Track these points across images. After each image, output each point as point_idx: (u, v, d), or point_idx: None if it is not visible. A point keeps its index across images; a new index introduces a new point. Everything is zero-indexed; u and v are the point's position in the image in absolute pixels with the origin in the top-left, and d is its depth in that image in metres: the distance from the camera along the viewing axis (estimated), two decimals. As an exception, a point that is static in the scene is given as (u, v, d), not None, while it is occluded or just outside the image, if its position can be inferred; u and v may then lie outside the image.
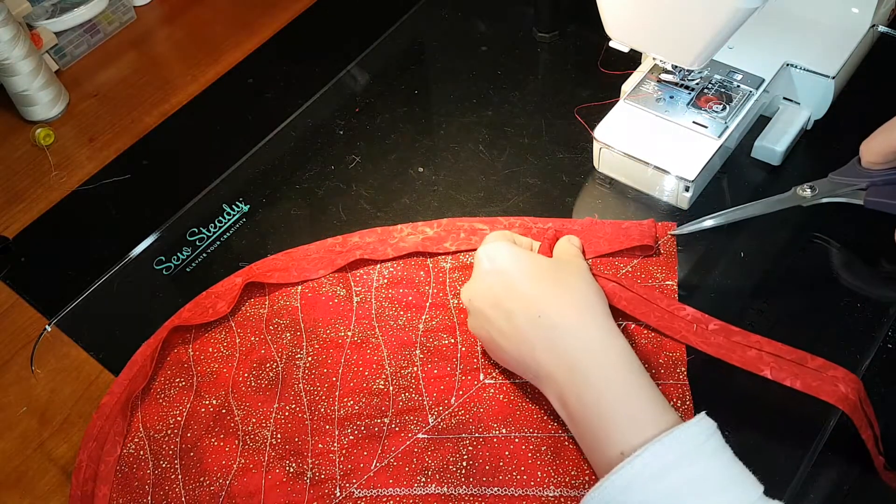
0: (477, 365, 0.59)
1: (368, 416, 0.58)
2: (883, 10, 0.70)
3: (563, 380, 0.50)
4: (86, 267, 0.71)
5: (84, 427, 0.62)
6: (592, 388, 0.48)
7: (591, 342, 0.50)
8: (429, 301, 0.63)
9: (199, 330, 0.64)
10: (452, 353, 0.60)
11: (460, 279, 0.64)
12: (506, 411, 0.57)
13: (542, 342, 0.51)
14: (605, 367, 0.49)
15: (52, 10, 0.88)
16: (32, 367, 0.66)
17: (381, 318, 0.63)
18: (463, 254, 0.66)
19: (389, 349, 0.61)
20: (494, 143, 0.76)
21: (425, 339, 0.61)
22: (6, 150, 0.83)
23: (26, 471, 0.61)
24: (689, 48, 0.61)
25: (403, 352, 0.61)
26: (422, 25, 0.89)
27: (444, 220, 0.68)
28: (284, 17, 0.93)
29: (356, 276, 0.65)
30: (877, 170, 0.59)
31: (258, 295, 0.66)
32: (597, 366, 0.49)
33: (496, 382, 0.58)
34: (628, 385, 0.48)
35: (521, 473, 0.54)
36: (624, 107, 0.70)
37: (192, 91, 0.86)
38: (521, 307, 0.53)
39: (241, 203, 0.74)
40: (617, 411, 0.47)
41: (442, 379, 0.59)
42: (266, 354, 0.62)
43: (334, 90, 0.83)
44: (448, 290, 0.64)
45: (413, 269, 0.65)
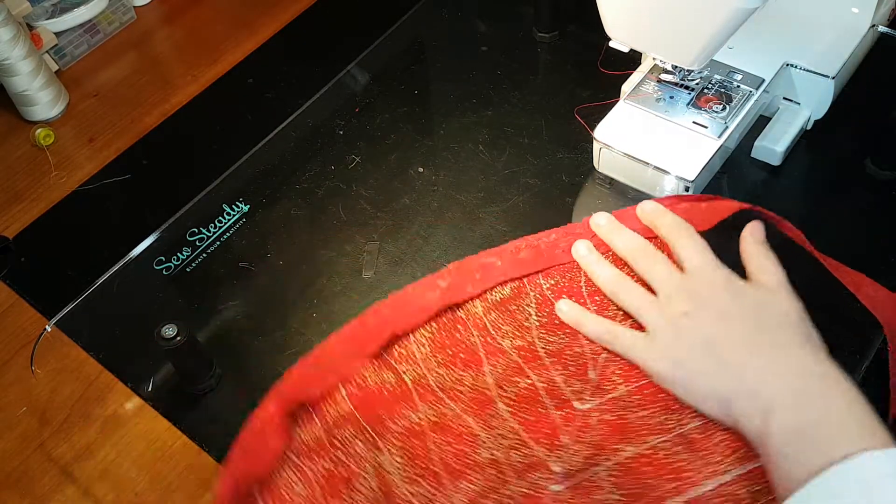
0: (564, 395, 0.56)
1: (493, 490, 0.52)
2: (883, 10, 0.70)
3: (791, 406, 0.48)
4: (86, 267, 0.71)
5: (84, 427, 0.62)
6: (825, 409, 0.47)
7: (820, 367, 0.49)
8: (481, 351, 0.59)
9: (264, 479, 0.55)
10: (534, 393, 0.56)
11: (499, 319, 0.61)
12: (620, 429, 0.54)
13: (776, 356, 0.50)
14: (838, 390, 0.48)
15: (52, 10, 0.88)
16: (32, 367, 0.66)
17: (444, 388, 0.57)
18: (489, 292, 0.62)
19: (473, 414, 0.56)
20: (494, 143, 0.76)
21: (501, 389, 0.57)
22: (6, 150, 0.83)
23: (26, 471, 0.61)
24: (689, 48, 0.61)
25: (488, 411, 0.56)
26: (422, 25, 0.89)
27: (452, 267, 0.63)
28: (284, 17, 0.93)
29: (395, 356, 0.59)
30: None
31: (304, 416, 0.57)
32: (829, 390, 0.48)
33: (591, 405, 0.55)
34: (858, 406, 0.47)
35: (673, 480, 0.51)
36: (624, 107, 0.70)
37: (192, 91, 0.86)
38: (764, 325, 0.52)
39: (241, 203, 0.74)
40: (845, 425, 0.46)
41: (541, 422, 0.55)
42: (349, 474, 0.54)
43: (334, 90, 0.83)
44: (494, 332, 0.60)
45: (449, 327, 0.60)
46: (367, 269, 0.69)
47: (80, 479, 0.60)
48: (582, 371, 0.57)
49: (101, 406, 0.63)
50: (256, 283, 0.69)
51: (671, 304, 0.55)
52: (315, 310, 0.67)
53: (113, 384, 0.64)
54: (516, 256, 0.63)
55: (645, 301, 0.57)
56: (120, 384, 0.64)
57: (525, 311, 0.61)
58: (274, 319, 0.66)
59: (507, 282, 0.62)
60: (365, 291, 0.67)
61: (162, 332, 0.58)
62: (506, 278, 0.62)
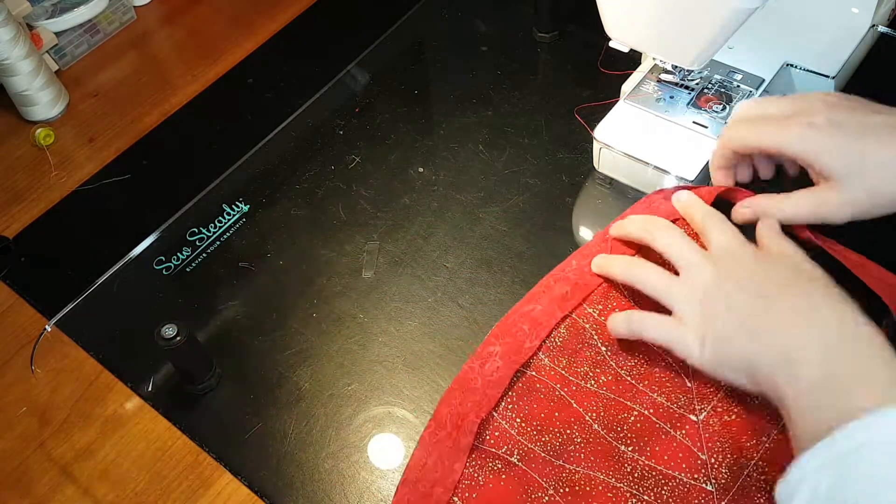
0: (676, 413, 0.54)
1: None
2: (883, 10, 0.70)
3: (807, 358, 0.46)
4: (86, 267, 0.71)
5: (84, 427, 0.62)
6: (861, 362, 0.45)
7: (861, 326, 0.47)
8: (573, 403, 0.55)
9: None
10: (647, 422, 0.54)
11: (571, 363, 0.57)
12: (744, 424, 0.52)
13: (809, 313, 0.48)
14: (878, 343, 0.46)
15: (52, 10, 0.88)
16: (32, 367, 0.66)
17: (557, 454, 0.54)
18: (547, 340, 0.58)
19: (601, 469, 0.53)
20: (494, 143, 0.76)
21: (614, 433, 0.54)
22: (6, 150, 0.83)
23: (26, 471, 0.61)
24: (689, 48, 0.61)
25: (614, 460, 0.53)
26: (422, 25, 0.89)
27: (496, 331, 0.58)
28: (284, 17, 0.93)
29: (491, 441, 0.54)
30: None
31: (470, 455, 0.54)
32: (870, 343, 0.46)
33: (706, 412, 0.53)
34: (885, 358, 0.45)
35: None
36: (624, 107, 0.70)
37: (192, 91, 0.86)
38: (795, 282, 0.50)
39: (241, 203, 0.74)
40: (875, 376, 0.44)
41: (670, 449, 0.53)
42: None
43: (334, 90, 0.83)
44: (573, 378, 0.56)
45: (527, 391, 0.56)
46: (367, 269, 0.69)
47: (80, 479, 0.60)
48: (679, 382, 0.55)
49: (101, 406, 0.63)
50: (256, 283, 0.69)
51: (693, 276, 0.53)
52: (315, 310, 0.67)
53: (113, 384, 0.64)
54: (552, 294, 0.60)
55: (665, 279, 0.54)
56: (120, 384, 0.64)
57: (592, 346, 0.58)
58: (274, 319, 0.66)
59: (559, 323, 0.58)
60: (365, 291, 0.67)
61: (162, 332, 0.58)
62: (555, 319, 0.58)
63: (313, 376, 0.63)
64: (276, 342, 0.65)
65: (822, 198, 0.53)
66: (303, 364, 0.64)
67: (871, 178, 0.51)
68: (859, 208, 0.52)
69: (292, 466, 0.59)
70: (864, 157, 0.51)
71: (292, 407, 0.61)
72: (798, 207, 0.55)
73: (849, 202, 0.52)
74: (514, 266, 0.67)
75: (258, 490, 0.58)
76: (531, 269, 0.67)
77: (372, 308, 0.66)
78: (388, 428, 0.60)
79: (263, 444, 0.60)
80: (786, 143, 0.54)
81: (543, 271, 0.66)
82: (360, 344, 0.64)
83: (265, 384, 0.63)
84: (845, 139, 0.52)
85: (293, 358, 0.64)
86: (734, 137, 0.58)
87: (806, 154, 0.53)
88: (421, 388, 0.61)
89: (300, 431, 0.60)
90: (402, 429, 0.60)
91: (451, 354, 0.63)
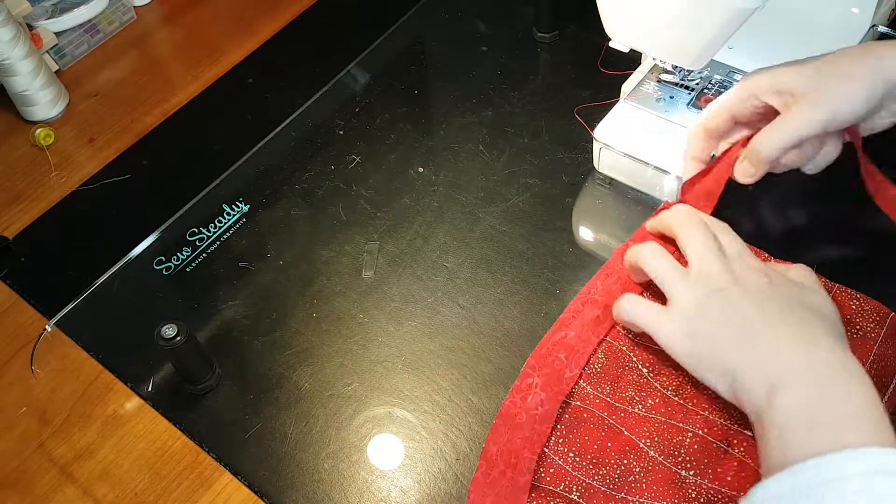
0: (731, 429, 0.52)
1: None
2: (883, 10, 0.70)
3: (798, 377, 0.47)
4: (86, 267, 0.71)
5: (84, 427, 0.62)
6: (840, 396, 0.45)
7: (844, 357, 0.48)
8: (624, 430, 0.54)
9: None
10: (704, 443, 0.52)
11: (614, 389, 0.55)
12: None
13: (798, 337, 0.48)
14: (856, 379, 0.46)
15: (52, 10, 0.88)
16: (32, 367, 0.66)
17: (617, 486, 0.52)
18: (586, 367, 0.56)
19: (667, 498, 0.51)
20: (494, 143, 0.76)
21: (672, 458, 0.52)
22: (6, 150, 0.83)
23: (26, 471, 0.61)
24: (689, 48, 0.61)
25: (677, 487, 0.52)
26: (422, 25, 0.89)
27: (531, 362, 0.56)
28: (284, 17, 0.93)
29: (547, 479, 0.53)
30: None
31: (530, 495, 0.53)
32: (850, 377, 0.46)
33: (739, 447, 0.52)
34: (874, 400, 0.45)
35: None
36: (624, 107, 0.70)
37: (192, 91, 0.86)
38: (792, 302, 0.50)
39: (241, 203, 0.74)
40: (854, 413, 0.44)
41: (732, 469, 0.51)
42: None
43: (334, 90, 0.83)
44: (620, 405, 0.55)
45: (576, 422, 0.54)
46: (367, 269, 0.69)
47: (80, 479, 0.60)
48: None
49: (101, 406, 0.63)
50: (256, 283, 0.69)
51: (704, 280, 0.52)
52: (315, 310, 0.67)
53: (113, 384, 0.64)
54: (583, 319, 0.57)
55: (675, 271, 0.54)
56: (120, 384, 0.64)
57: (633, 369, 0.56)
58: (274, 319, 0.66)
59: (595, 349, 0.56)
60: (365, 291, 0.67)
61: (162, 332, 0.58)
62: (591, 345, 0.56)
63: (313, 376, 0.63)
64: (276, 342, 0.65)
65: (793, 113, 0.55)
66: (303, 364, 0.64)
67: (827, 82, 0.54)
68: (826, 113, 0.54)
69: (292, 466, 0.59)
70: (816, 68, 0.55)
71: (292, 407, 0.61)
72: (783, 133, 0.56)
73: (820, 103, 0.54)
74: (514, 266, 0.67)
75: (258, 490, 0.58)
76: (531, 269, 0.67)
77: (372, 308, 0.66)
78: (388, 428, 0.60)
79: (263, 444, 0.60)
80: (754, 84, 0.57)
81: (543, 271, 0.67)
82: (360, 344, 0.64)
83: (265, 384, 0.63)
84: (798, 63, 0.56)
85: (293, 358, 0.64)
86: (711, 112, 0.60)
87: (771, 85, 0.56)
88: (421, 388, 0.61)
89: (300, 431, 0.60)
90: (402, 429, 0.60)
91: (451, 354, 0.63)
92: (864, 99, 0.53)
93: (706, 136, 0.60)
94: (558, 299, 0.65)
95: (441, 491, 0.57)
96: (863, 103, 0.54)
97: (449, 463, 0.58)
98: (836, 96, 0.54)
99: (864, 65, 0.54)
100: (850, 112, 0.54)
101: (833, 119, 0.54)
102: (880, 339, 0.55)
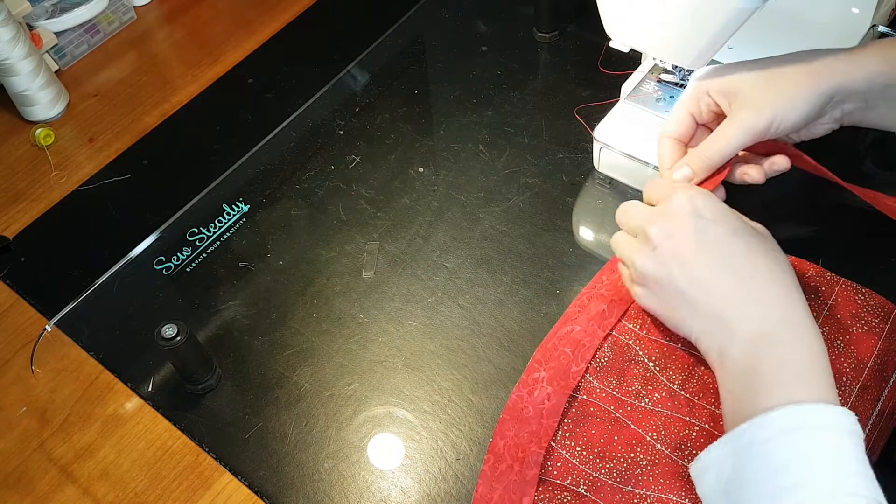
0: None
1: None
2: (883, 10, 0.70)
3: (748, 341, 0.48)
4: (86, 267, 0.71)
5: (84, 427, 0.62)
6: (781, 356, 0.47)
7: (794, 314, 0.49)
8: (631, 424, 0.54)
9: None
10: (710, 437, 0.53)
11: (621, 383, 0.56)
12: None
13: (742, 302, 0.49)
14: (800, 339, 0.48)
15: (52, 10, 0.88)
16: (32, 367, 0.66)
17: (624, 479, 0.52)
18: (592, 361, 0.56)
19: (674, 491, 0.52)
20: (494, 143, 0.76)
21: (680, 451, 0.53)
22: (6, 150, 0.83)
23: (26, 471, 0.61)
24: (689, 48, 0.60)
25: (684, 479, 0.52)
26: (422, 25, 0.89)
27: (537, 356, 0.57)
28: (284, 17, 0.93)
29: (555, 472, 0.53)
30: None
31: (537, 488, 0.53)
32: (792, 338, 0.48)
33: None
34: (816, 361, 0.47)
35: None
36: (624, 107, 0.70)
37: (192, 91, 0.86)
38: (733, 264, 0.50)
39: (241, 203, 0.74)
40: (793, 377, 0.46)
41: None
42: None
43: (334, 90, 0.83)
44: (627, 399, 0.55)
45: (582, 416, 0.55)
46: (367, 269, 0.69)
47: (80, 479, 0.60)
48: None
49: (101, 406, 0.64)
50: (256, 283, 0.69)
51: (642, 238, 0.54)
52: (315, 310, 0.67)
53: (113, 384, 0.64)
54: (589, 314, 0.58)
55: (628, 245, 0.55)
56: (120, 384, 0.64)
57: (639, 363, 0.56)
58: (274, 319, 0.66)
59: (601, 343, 0.57)
60: (365, 291, 0.67)
61: (162, 332, 0.58)
62: (597, 339, 0.57)
63: (313, 376, 0.63)
64: (276, 342, 0.65)
65: (739, 117, 0.55)
66: (303, 364, 0.64)
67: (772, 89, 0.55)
68: (767, 121, 0.54)
69: (292, 466, 0.59)
70: (764, 71, 0.55)
71: (292, 407, 0.61)
72: (729, 138, 0.56)
73: (761, 109, 0.55)
74: (514, 266, 0.67)
75: (258, 490, 0.58)
76: (531, 269, 0.67)
77: (372, 308, 0.66)
78: (388, 428, 0.60)
79: (263, 444, 0.60)
80: (704, 82, 0.58)
81: (543, 271, 0.67)
82: (360, 344, 0.64)
83: (265, 384, 0.63)
84: (747, 65, 0.57)
85: (293, 358, 0.64)
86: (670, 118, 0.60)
87: (720, 84, 0.57)
88: (421, 388, 0.61)
89: (300, 431, 0.60)
90: (402, 429, 0.60)
91: (451, 354, 0.63)
92: (807, 106, 0.54)
93: (672, 144, 0.60)
94: (558, 299, 0.65)
95: (441, 491, 0.57)
96: (805, 110, 0.54)
97: (449, 463, 0.58)
98: (778, 104, 0.54)
99: (810, 72, 0.54)
100: (790, 120, 0.54)
101: (773, 126, 0.54)
102: (884, 333, 0.55)
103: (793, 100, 0.54)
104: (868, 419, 0.53)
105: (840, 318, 0.56)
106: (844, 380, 0.53)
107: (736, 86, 0.55)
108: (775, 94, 0.54)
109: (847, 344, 0.55)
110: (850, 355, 0.54)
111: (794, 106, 0.54)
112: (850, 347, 0.54)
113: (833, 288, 0.58)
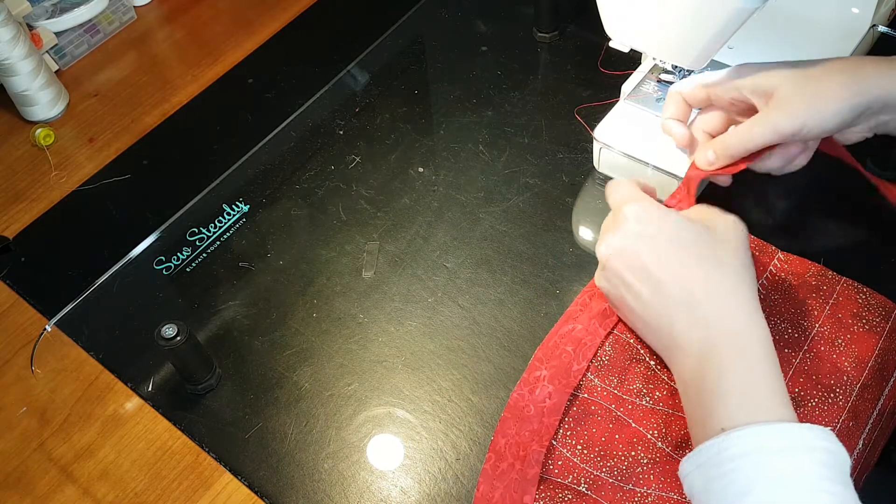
0: None
1: None
2: (883, 10, 0.70)
3: (694, 356, 0.49)
4: (86, 267, 0.71)
5: (84, 427, 0.62)
6: (722, 368, 0.48)
7: (735, 325, 0.49)
8: (632, 422, 0.55)
9: None
10: None
11: (622, 381, 0.56)
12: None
13: (685, 318, 0.50)
14: (742, 351, 0.48)
15: (52, 10, 0.88)
16: (32, 367, 0.66)
17: (625, 477, 0.53)
18: (594, 360, 0.56)
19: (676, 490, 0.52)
20: (494, 143, 0.76)
21: (680, 449, 0.53)
22: (6, 150, 0.83)
23: (26, 471, 0.61)
24: (689, 48, 0.60)
25: None
26: (422, 25, 0.89)
27: (539, 354, 0.57)
28: (284, 17, 0.93)
29: (556, 471, 0.53)
30: None
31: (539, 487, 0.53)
32: (734, 349, 0.48)
33: None
34: (757, 372, 0.47)
35: None
36: (624, 107, 0.70)
37: (192, 91, 0.86)
38: (670, 280, 0.51)
39: (241, 203, 0.74)
40: (734, 391, 0.47)
41: None
42: None
43: (334, 90, 0.83)
44: (628, 397, 0.55)
45: (583, 414, 0.55)
46: (367, 269, 0.69)
47: (80, 479, 0.60)
48: None
49: (101, 406, 0.64)
50: (256, 283, 0.69)
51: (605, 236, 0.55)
52: (315, 310, 0.67)
53: (113, 384, 0.64)
54: (590, 312, 0.58)
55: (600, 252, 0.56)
56: (120, 384, 0.64)
57: (640, 361, 0.56)
58: (274, 319, 0.66)
59: (603, 341, 0.57)
60: (365, 291, 0.67)
61: (162, 332, 0.58)
62: (598, 338, 0.57)
63: (313, 376, 0.63)
64: (276, 342, 0.65)
65: (769, 117, 0.55)
66: (303, 364, 0.64)
67: (808, 95, 0.54)
68: (797, 126, 0.54)
69: (292, 466, 0.59)
70: (803, 75, 0.55)
71: (292, 407, 0.61)
72: (755, 135, 0.56)
73: (793, 114, 0.55)
74: (514, 266, 0.67)
75: (258, 490, 0.58)
76: (531, 269, 0.67)
77: (372, 308, 0.66)
78: (388, 428, 0.60)
79: (263, 444, 0.60)
80: (739, 81, 0.57)
81: (543, 271, 0.67)
82: (360, 344, 0.64)
83: (265, 384, 0.63)
84: (786, 66, 0.56)
85: (293, 358, 0.64)
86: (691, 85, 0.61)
87: (755, 84, 0.56)
88: (421, 388, 0.61)
89: (300, 431, 0.60)
90: (402, 429, 0.60)
91: (451, 354, 0.63)
92: (839, 117, 0.54)
93: (680, 101, 0.61)
94: (558, 299, 0.65)
95: (441, 491, 0.57)
96: (836, 121, 0.54)
97: (449, 463, 0.58)
98: (811, 112, 0.54)
99: (846, 84, 0.54)
100: (820, 128, 0.54)
101: (802, 131, 0.54)
102: (885, 333, 0.55)
103: (825, 110, 0.54)
104: (868, 418, 0.53)
105: (841, 317, 0.56)
106: (845, 378, 0.53)
107: (773, 86, 0.55)
108: (809, 101, 0.54)
109: (848, 343, 0.55)
110: (850, 354, 0.54)
111: (825, 117, 0.54)
112: (851, 346, 0.55)
113: (834, 287, 0.58)
